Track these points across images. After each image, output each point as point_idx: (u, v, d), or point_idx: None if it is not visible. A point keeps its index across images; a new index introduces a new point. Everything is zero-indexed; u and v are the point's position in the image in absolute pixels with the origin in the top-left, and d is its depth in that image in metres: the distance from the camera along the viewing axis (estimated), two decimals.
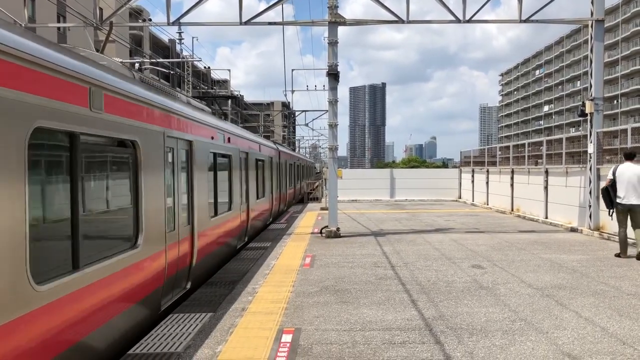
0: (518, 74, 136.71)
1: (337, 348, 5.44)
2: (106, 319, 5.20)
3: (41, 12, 35.97)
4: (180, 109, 8.01)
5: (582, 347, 5.44)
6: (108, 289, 5.22)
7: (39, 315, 3.98)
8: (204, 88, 67.13)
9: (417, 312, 6.76)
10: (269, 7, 14.53)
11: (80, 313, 4.64)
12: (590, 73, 14.49)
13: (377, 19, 15.00)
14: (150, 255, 6.40)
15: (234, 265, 10.14)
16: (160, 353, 5.33)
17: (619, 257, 10.59)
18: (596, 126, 14.24)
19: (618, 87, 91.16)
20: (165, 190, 7.03)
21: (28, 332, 3.86)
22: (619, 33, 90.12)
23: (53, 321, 4.20)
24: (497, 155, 24.96)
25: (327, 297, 7.60)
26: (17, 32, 4.04)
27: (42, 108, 4.11)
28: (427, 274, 9.15)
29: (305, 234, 14.73)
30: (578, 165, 15.98)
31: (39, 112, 4.07)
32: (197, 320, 6.45)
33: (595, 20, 14.27)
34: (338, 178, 15.32)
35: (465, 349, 5.41)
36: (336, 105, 14.75)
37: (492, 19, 15.86)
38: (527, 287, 8.14)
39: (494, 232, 14.98)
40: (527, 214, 18.95)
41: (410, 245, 12.40)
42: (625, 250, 10.62)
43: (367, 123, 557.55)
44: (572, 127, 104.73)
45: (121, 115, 5.67)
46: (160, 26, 15.91)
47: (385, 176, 29.64)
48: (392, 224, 17.22)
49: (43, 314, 4.04)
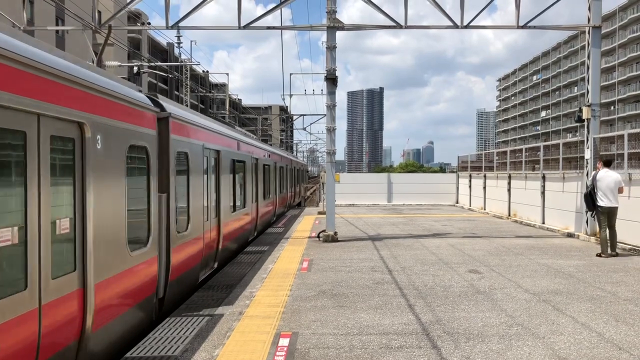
0: (515, 79, 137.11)
1: (334, 352, 5.45)
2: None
3: (40, 15, 35.98)
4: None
5: (578, 352, 5.45)
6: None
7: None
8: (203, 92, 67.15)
9: (414, 317, 6.77)
10: (268, 11, 14.57)
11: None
12: (587, 79, 14.57)
13: (375, 24, 15.06)
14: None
15: (231, 269, 10.13)
16: (157, 356, 5.32)
17: (600, 257, 11.33)
18: (593, 132, 14.30)
19: (615, 93, 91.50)
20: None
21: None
22: (616, 39, 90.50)
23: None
24: (495, 161, 25.02)
25: (325, 301, 7.60)
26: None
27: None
28: (424, 278, 9.17)
29: (303, 238, 14.73)
30: (575, 171, 16.03)
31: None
32: (195, 324, 6.45)
33: (592, 27, 14.35)
34: (336, 182, 15.34)
35: (462, 353, 5.42)
36: (334, 110, 14.79)
37: (489, 25, 15.93)
38: (524, 292, 8.16)
39: (491, 237, 15.01)
40: (524, 219, 18.99)
41: (408, 250, 12.41)
42: (606, 250, 11.38)
43: (364, 127, 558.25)
44: (570, 132, 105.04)
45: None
46: (158, 29, 15.93)
47: (383, 181, 29.67)
48: (390, 228, 17.23)
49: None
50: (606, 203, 11.30)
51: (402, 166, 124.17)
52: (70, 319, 4.64)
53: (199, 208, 8.79)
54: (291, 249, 12.75)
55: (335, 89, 14.60)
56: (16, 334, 3.86)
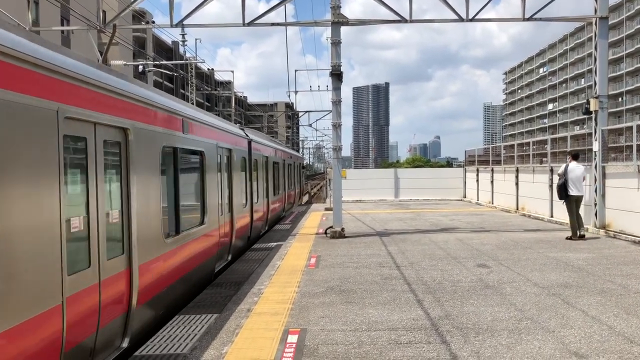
0: (522, 72, 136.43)
1: (343, 348, 5.43)
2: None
3: (45, 15, 36.10)
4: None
5: (589, 346, 5.41)
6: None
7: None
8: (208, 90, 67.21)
9: (423, 312, 6.74)
10: (272, 8, 14.52)
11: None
12: (595, 71, 14.44)
13: (380, 19, 14.99)
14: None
15: (239, 266, 10.14)
16: (166, 354, 5.33)
17: (570, 240, 12.72)
18: (601, 124, 14.18)
19: (623, 85, 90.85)
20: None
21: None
22: (623, 30, 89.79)
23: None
24: (502, 154, 24.88)
25: (333, 297, 7.59)
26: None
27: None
28: (432, 273, 9.13)
29: (310, 235, 14.72)
30: (583, 163, 15.90)
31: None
32: (203, 322, 6.45)
33: (599, 18, 14.21)
34: (342, 178, 15.31)
35: (471, 348, 5.39)
36: (340, 106, 14.73)
37: (495, 18, 15.79)
38: (533, 286, 8.11)
39: (499, 231, 14.94)
40: (532, 212, 18.89)
41: (416, 245, 12.38)
42: (576, 233, 12.88)
43: (370, 123, 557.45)
44: (577, 125, 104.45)
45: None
46: (163, 28, 15.94)
47: (390, 176, 29.56)
48: (397, 223, 17.20)
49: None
50: (576, 192, 12.88)
51: (408, 161, 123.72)
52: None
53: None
54: (299, 245, 12.75)
55: (341, 84, 14.55)
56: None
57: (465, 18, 14.20)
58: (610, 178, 13.82)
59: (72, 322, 4.48)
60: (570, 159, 13.33)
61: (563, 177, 12.99)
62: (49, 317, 4.14)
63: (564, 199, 13.05)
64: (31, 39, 4.25)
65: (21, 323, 3.79)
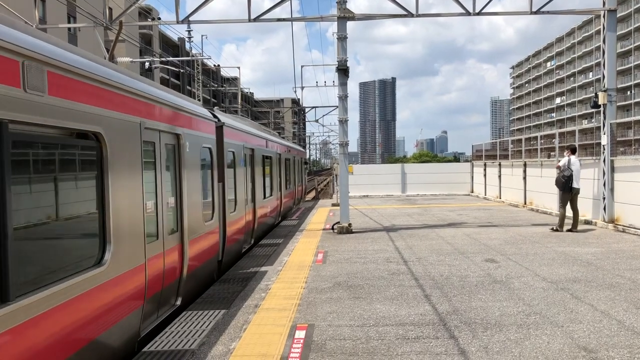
0: (529, 66, 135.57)
1: (350, 344, 5.43)
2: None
3: (51, 13, 36.22)
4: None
5: (598, 341, 5.38)
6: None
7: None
8: (214, 86, 67.29)
9: (430, 307, 6.73)
10: (277, 3, 14.47)
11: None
12: (603, 64, 14.33)
13: (386, 14, 14.92)
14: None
15: (247, 262, 10.16)
16: (174, 350, 5.35)
17: (557, 232, 13.17)
18: (609, 117, 14.08)
19: (631, 78, 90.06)
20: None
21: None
22: (632, 23, 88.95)
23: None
24: (510, 149, 24.75)
25: (340, 293, 7.59)
26: None
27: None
28: (440, 268, 9.11)
29: (317, 230, 14.73)
30: (591, 157, 15.80)
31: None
32: (211, 317, 6.48)
33: (607, 10, 14.08)
34: (349, 174, 15.28)
35: (479, 343, 5.38)
36: (346, 101, 14.70)
37: (501, 11, 15.69)
38: (542, 280, 8.08)
39: (507, 225, 14.89)
40: (540, 207, 18.80)
41: (423, 240, 12.36)
42: (562, 225, 13.30)
43: (377, 118, 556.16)
44: (585, 119, 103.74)
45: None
46: (169, 24, 15.96)
47: (397, 171, 29.50)
48: (404, 219, 17.17)
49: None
50: (577, 185, 13.26)
51: (416, 156, 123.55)
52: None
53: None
54: (306, 241, 12.76)
55: (347, 79, 14.51)
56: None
57: (472, 12, 14.12)
58: (619, 172, 13.73)
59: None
60: (569, 153, 13.58)
61: (568, 169, 13.21)
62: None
63: (568, 191, 13.29)
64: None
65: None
